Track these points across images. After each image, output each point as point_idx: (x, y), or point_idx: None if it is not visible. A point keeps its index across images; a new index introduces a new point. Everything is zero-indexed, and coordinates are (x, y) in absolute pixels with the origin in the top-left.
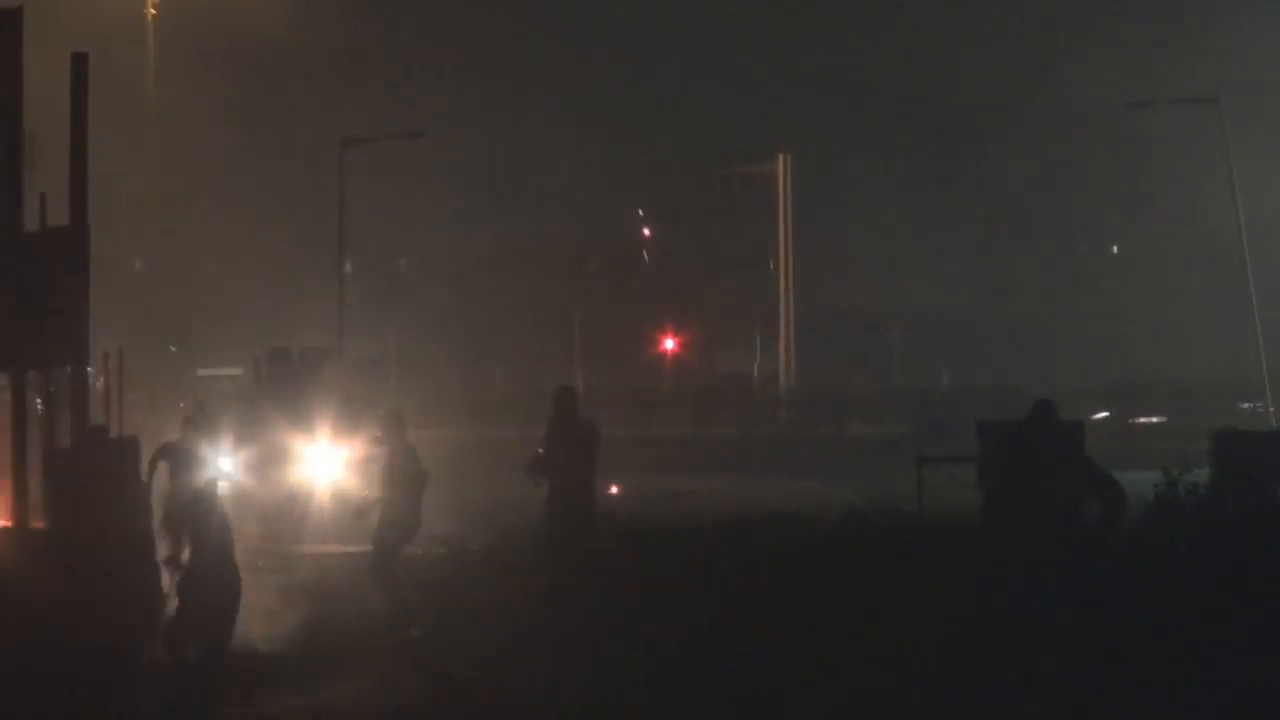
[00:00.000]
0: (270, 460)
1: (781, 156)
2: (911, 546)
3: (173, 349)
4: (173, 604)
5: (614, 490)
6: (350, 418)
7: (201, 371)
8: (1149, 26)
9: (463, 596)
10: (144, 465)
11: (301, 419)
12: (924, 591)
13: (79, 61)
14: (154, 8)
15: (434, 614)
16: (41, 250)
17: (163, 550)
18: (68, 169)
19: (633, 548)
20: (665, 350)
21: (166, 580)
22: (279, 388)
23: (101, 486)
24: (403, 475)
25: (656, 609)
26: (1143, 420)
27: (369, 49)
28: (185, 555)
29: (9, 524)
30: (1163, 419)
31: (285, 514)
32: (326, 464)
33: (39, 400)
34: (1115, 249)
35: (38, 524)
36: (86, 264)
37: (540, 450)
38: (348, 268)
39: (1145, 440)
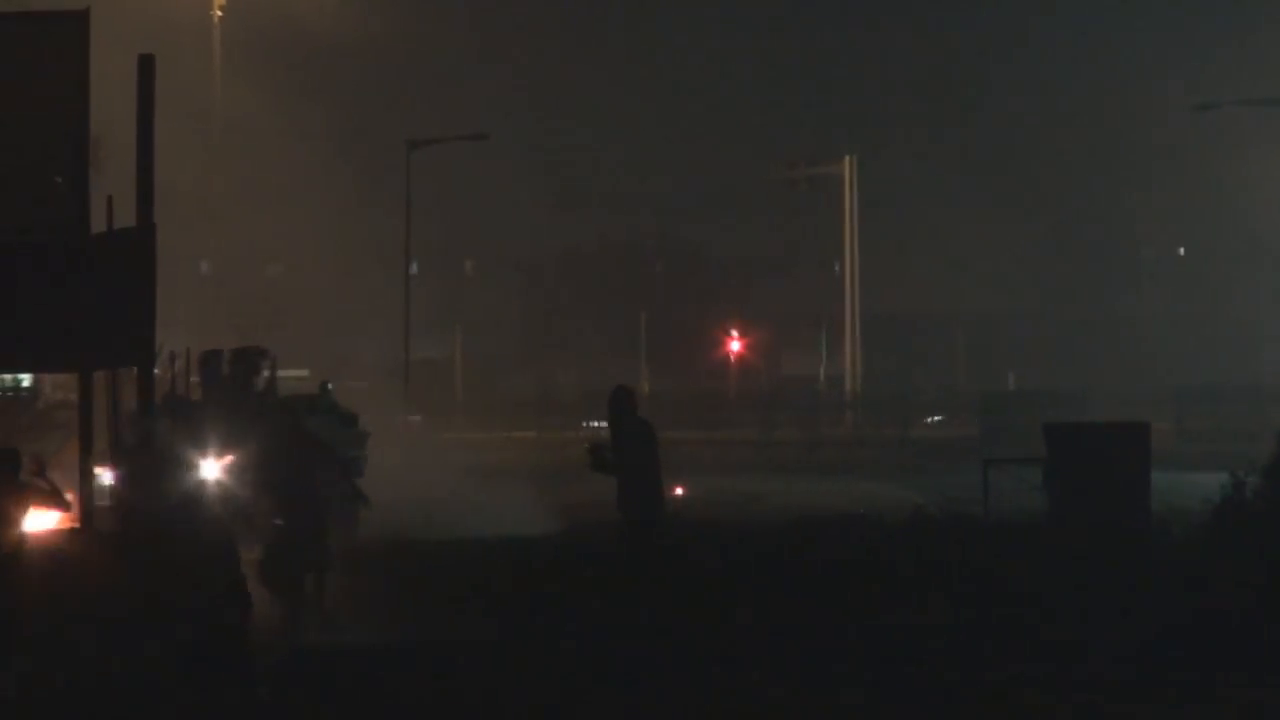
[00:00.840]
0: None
1: (847, 158)
2: (975, 546)
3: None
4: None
5: (679, 492)
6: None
7: (265, 371)
8: (1215, 26)
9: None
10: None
11: (218, 428)
12: (985, 589)
13: (145, 63)
14: (220, 8)
15: None
16: (108, 252)
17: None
18: (134, 170)
19: (702, 547)
20: (730, 352)
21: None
22: (209, 393)
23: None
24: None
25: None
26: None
27: (432, 50)
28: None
29: (77, 524)
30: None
31: None
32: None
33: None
34: (1181, 250)
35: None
36: (153, 265)
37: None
38: (414, 269)
39: (1210, 442)
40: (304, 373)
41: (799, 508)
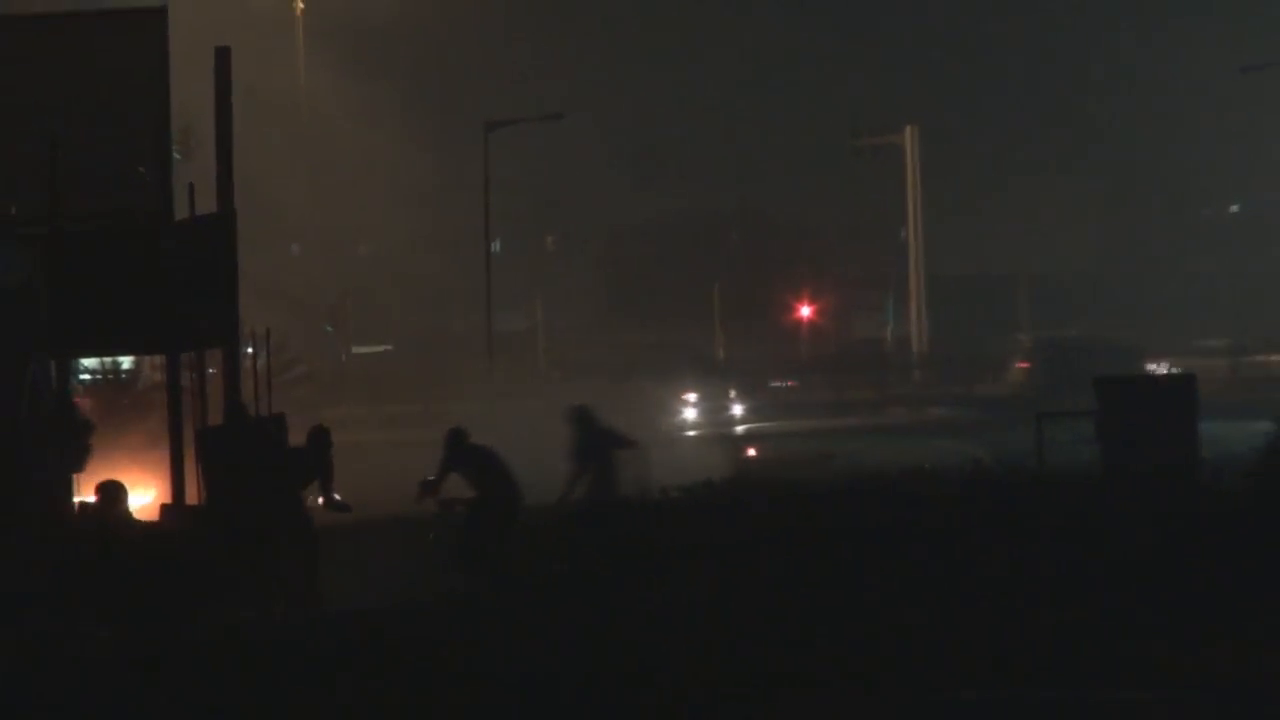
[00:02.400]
0: None
1: (908, 129)
2: (1029, 497)
3: (328, 328)
4: None
5: (751, 452)
6: None
7: (356, 349)
8: None
9: None
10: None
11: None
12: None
13: (221, 56)
14: (302, 5)
15: None
16: (191, 237)
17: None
18: (214, 159)
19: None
20: (801, 317)
21: None
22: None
23: (244, 458)
24: None
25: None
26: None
27: (510, 28)
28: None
29: (169, 500)
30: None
31: None
32: None
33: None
34: (1235, 208)
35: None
36: (234, 249)
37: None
38: (496, 246)
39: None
40: (389, 347)
41: (863, 467)
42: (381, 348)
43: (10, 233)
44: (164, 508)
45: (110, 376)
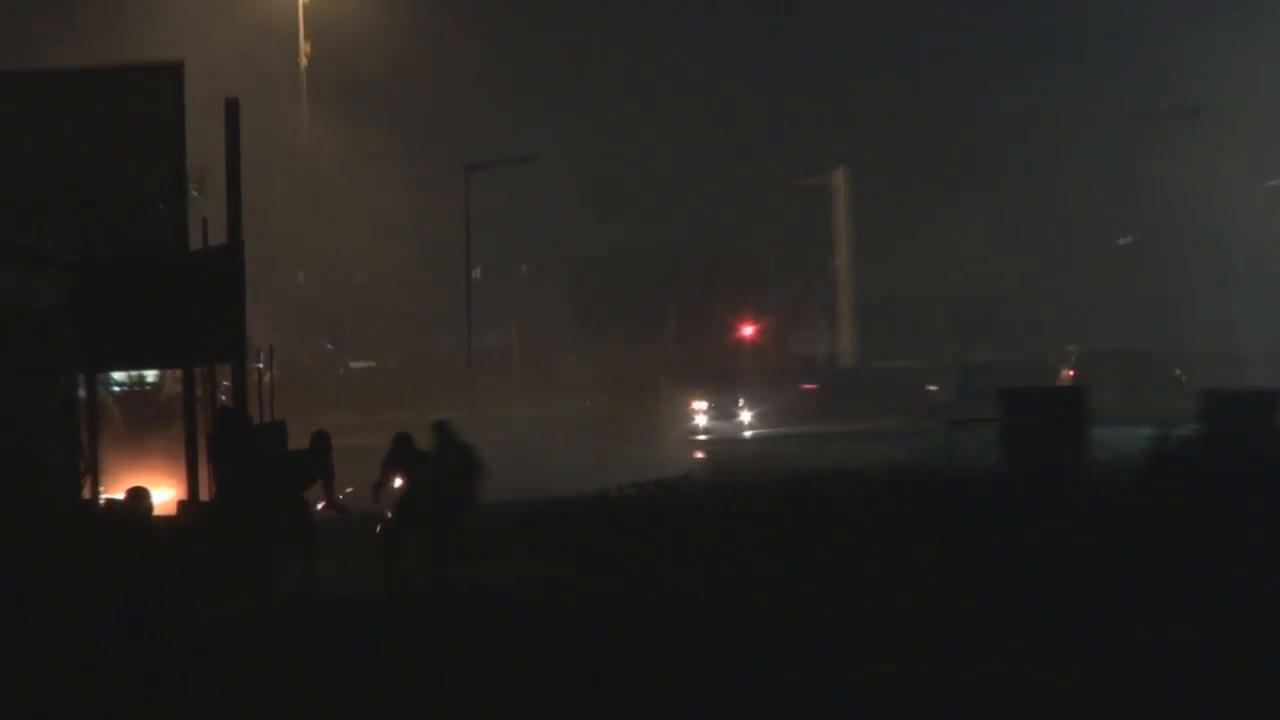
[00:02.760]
0: None
1: (840, 170)
2: (937, 493)
3: (328, 345)
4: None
5: (699, 456)
6: None
7: (353, 364)
8: (1164, 35)
9: None
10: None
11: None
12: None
13: (231, 106)
14: (306, 56)
15: None
16: (204, 266)
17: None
18: (225, 196)
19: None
20: (744, 336)
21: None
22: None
23: (246, 459)
24: None
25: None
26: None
27: (482, 80)
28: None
29: (185, 498)
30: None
31: None
32: None
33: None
34: (1127, 240)
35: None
36: (242, 276)
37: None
38: (477, 274)
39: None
40: (371, 363)
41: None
42: (367, 363)
43: (42, 262)
44: (180, 504)
45: (137, 388)
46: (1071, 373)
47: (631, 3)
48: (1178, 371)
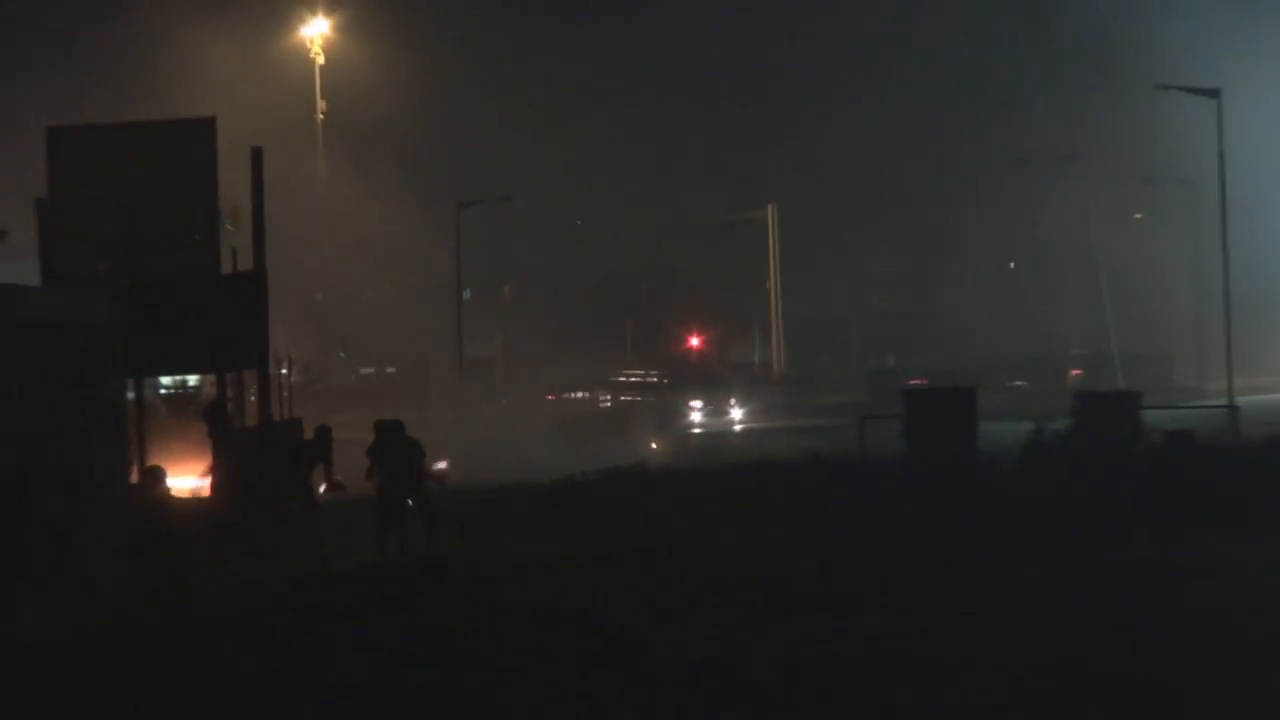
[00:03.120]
0: None
1: (770, 206)
2: (851, 478)
3: (341, 354)
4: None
5: (654, 446)
6: None
7: (363, 370)
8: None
9: None
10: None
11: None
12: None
13: (256, 154)
14: (322, 113)
15: None
16: (233, 287)
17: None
18: (250, 229)
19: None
20: (691, 346)
21: None
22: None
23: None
24: None
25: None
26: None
27: (470, 126)
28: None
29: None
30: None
31: None
32: None
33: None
34: (1012, 264)
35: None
36: (265, 296)
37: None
38: (468, 294)
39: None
40: (392, 369)
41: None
42: (370, 369)
43: (93, 285)
44: (205, 490)
45: (180, 390)
46: (1078, 371)
47: (600, 57)
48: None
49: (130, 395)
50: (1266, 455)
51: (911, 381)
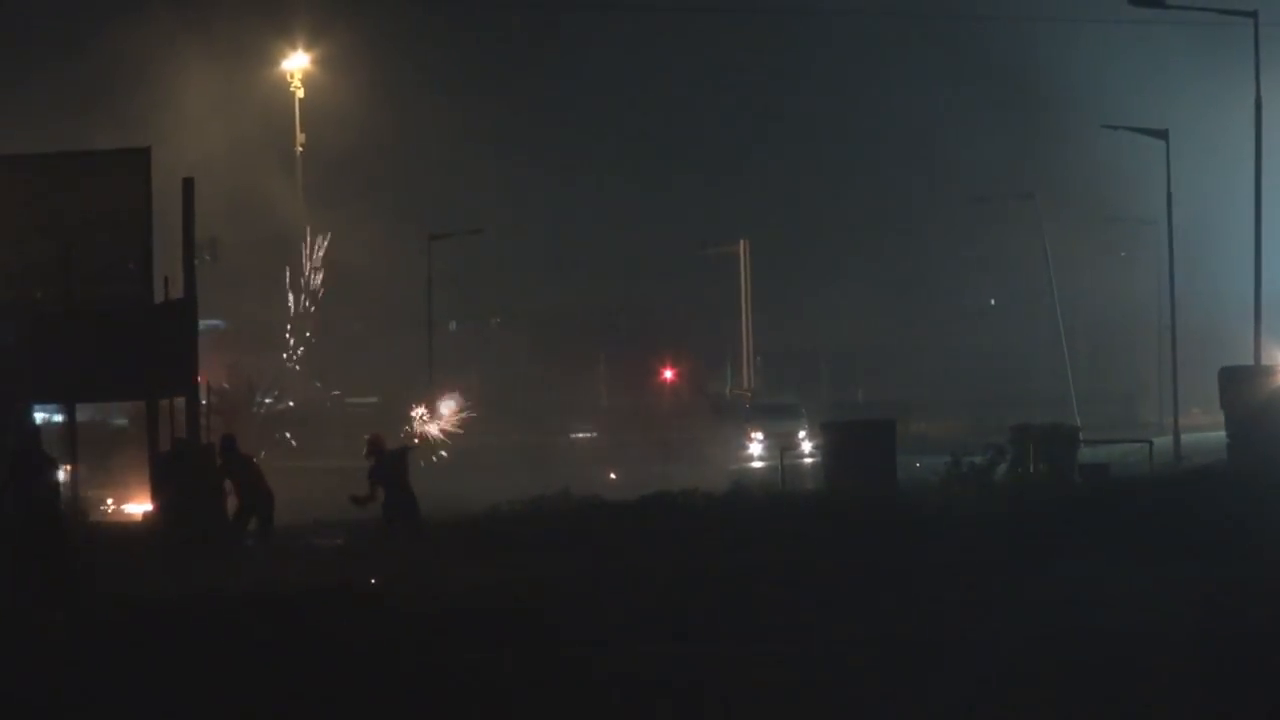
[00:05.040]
0: None
1: (743, 241)
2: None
3: (317, 384)
4: None
5: (612, 476)
6: None
7: (350, 400)
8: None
9: None
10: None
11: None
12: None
13: (187, 185)
14: (301, 145)
15: None
16: (163, 317)
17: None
18: (180, 260)
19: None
20: (665, 378)
21: None
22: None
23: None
24: None
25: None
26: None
27: (447, 157)
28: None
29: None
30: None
31: None
32: None
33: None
34: (992, 301)
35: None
36: (194, 325)
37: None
38: (453, 326)
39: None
40: (374, 399)
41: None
42: (368, 399)
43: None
44: (145, 514)
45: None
46: None
47: (579, 88)
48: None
49: (58, 419)
50: (1160, 489)
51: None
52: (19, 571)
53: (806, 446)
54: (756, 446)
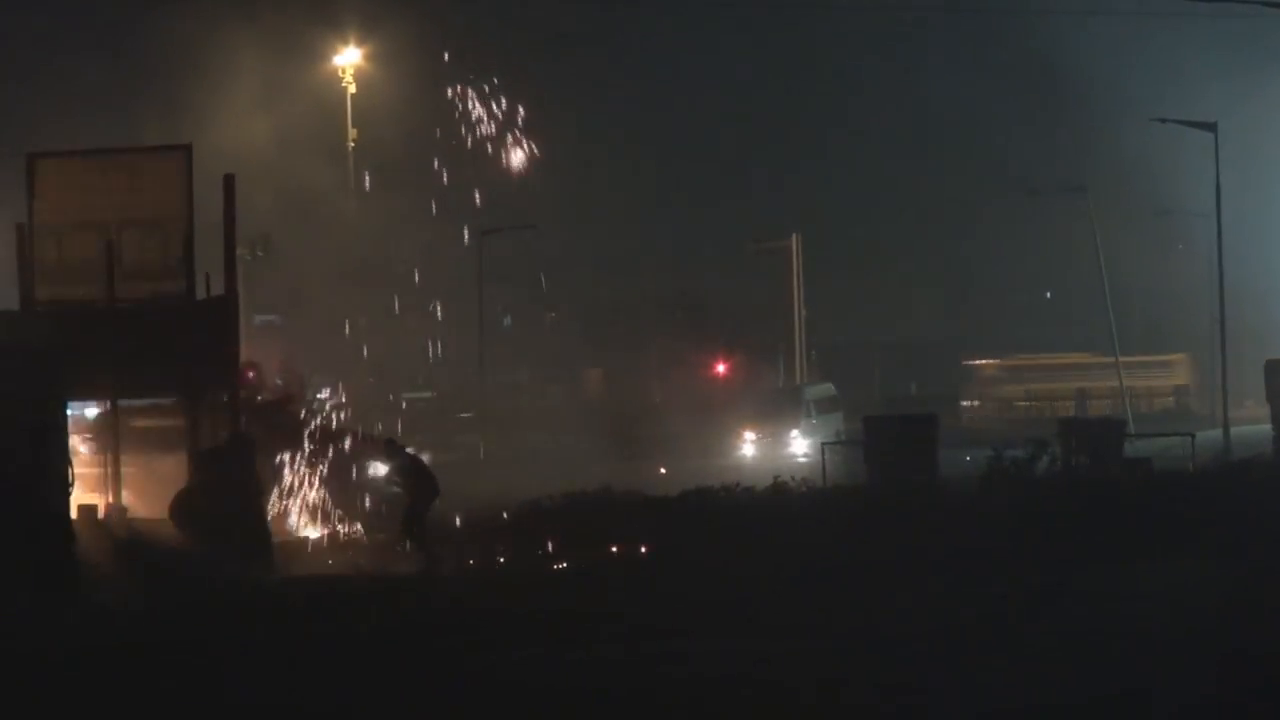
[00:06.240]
0: None
1: (795, 236)
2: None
3: (371, 380)
4: None
5: (663, 471)
6: None
7: (406, 395)
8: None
9: None
10: None
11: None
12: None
13: (229, 182)
14: (353, 140)
15: None
16: (205, 313)
17: None
18: (223, 256)
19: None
20: (718, 373)
21: None
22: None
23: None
24: None
25: None
26: None
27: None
28: None
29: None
30: None
31: None
32: None
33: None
34: (1049, 294)
35: None
36: (236, 320)
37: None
38: (506, 321)
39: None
40: (429, 393)
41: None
42: (424, 394)
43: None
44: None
45: None
46: None
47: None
48: None
49: (89, 413)
50: (1202, 482)
51: None
52: None
53: (799, 446)
54: (749, 446)
